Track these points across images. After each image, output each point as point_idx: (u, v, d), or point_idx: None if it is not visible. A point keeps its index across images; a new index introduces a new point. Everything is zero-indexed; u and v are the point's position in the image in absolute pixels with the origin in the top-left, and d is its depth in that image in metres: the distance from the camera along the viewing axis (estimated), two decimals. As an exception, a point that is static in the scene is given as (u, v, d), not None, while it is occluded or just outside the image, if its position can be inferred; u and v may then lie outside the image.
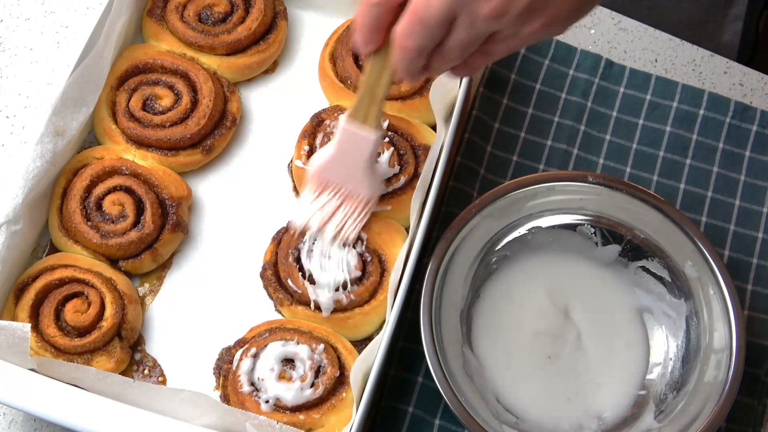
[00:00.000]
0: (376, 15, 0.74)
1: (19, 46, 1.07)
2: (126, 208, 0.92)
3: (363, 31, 0.76)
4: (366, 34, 0.76)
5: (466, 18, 0.69)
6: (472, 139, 1.01)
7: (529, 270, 0.94)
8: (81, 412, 0.80)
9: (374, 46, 0.78)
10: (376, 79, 0.83)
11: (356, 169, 0.88)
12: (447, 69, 0.75)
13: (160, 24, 1.01)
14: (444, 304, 0.87)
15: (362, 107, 0.85)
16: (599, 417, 0.89)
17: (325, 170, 0.89)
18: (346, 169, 0.89)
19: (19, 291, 0.89)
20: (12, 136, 1.03)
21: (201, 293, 0.94)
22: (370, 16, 0.74)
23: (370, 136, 0.86)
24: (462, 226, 0.89)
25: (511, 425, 0.86)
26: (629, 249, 0.93)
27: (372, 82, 0.83)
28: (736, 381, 0.83)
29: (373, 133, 0.86)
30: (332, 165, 0.89)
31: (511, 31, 0.69)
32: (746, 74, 1.08)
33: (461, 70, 0.76)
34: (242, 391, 0.85)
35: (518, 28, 0.69)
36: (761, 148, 1.03)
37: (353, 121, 0.86)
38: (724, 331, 0.86)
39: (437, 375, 0.83)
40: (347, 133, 0.87)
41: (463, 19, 0.69)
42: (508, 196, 0.91)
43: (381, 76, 0.82)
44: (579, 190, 0.92)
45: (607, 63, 1.06)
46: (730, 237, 0.99)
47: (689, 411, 0.84)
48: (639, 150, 1.03)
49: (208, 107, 0.97)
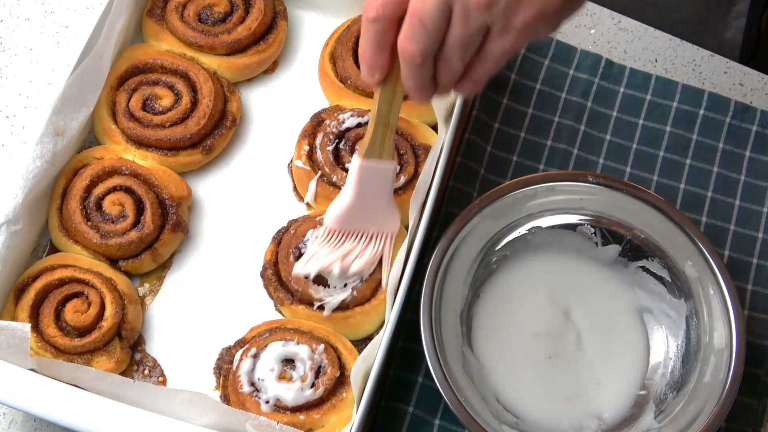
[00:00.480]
0: (377, 32, 0.74)
1: (19, 46, 1.07)
2: (126, 208, 0.92)
3: (368, 54, 0.76)
4: (371, 56, 0.76)
5: (459, 10, 0.69)
6: (473, 139, 1.01)
7: (529, 270, 0.94)
8: (81, 412, 0.80)
9: (381, 73, 0.77)
10: (387, 110, 0.82)
11: (378, 205, 0.87)
12: (453, 79, 0.75)
13: (160, 24, 1.01)
14: (444, 304, 0.87)
15: (377, 142, 0.84)
16: (599, 417, 0.89)
17: (345, 220, 0.87)
18: (368, 210, 0.87)
19: (19, 291, 0.89)
20: (12, 136, 1.03)
21: (201, 293, 0.94)
22: (372, 33, 0.74)
23: (389, 167, 0.86)
24: (462, 226, 0.89)
25: (511, 425, 0.86)
26: (629, 249, 0.93)
27: (384, 113, 0.82)
28: (736, 381, 0.83)
29: (391, 162, 0.86)
30: (353, 210, 0.87)
31: (503, 23, 0.70)
32: (746, 74, 1.08)
33: (466, 84, 0.76)
34: (242, 392, 0.85)
35: (510, 18, 0.69)
36: (761, 149, 1.03)
37: (370, 159, 0.85)
38: (724, 331, 0.86)
39: (437, 375, 0.83)
40: (365, 171, 0.85)
41: (457, 11, 0.70)
42: (509, 195, 0.91)
43: (392, 103, 0.82)
44: (579, 190, 0.92)
45: (607, 63, 1.06)
46: (730, 237, 0.99)
47: (689, 411, 0.84)
48: (639, 150, 1.02)
49: (208, 107, 0.97)
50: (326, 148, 0.95)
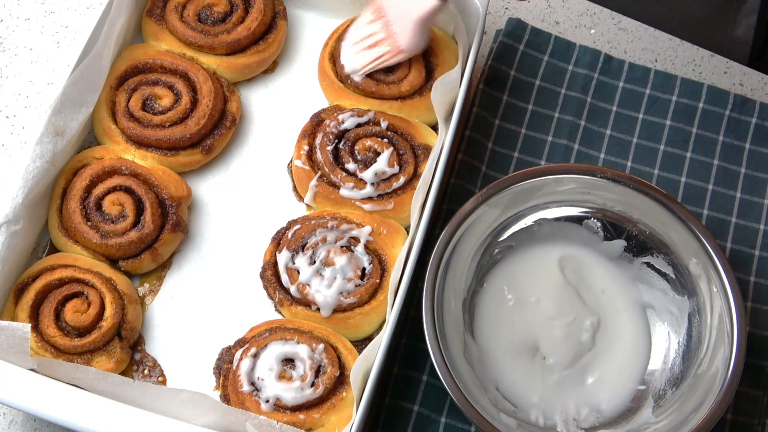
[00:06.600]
0: None
1: (19, 46, 1.07)
2: (126, 208, 0.92)
3: None
4: None
5: None
6: (473, 136, 1.01)
7: (533, 261, 0.94)
8: (81, 412, 0.80)
9: None
10: None
11: (408, 17, 0.91)
12: None
13: (160, 24, 1.01)
14: (447, 291, 0.87)
15: None
16: (597, 410, 0.88)
17: None
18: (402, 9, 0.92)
19: (19, 291, 0.89)
20: (12, 136, 1.03)
21: (201, 293, 0.93)
22: None
23: None
24: (467, 215, 0.89)
25: (509, 413, 0.86)
26: (634, 244, 0.93)
27: None
28: (736, 374, 0.82)
29: None
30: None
31: None
32: (746, 74, 1.07)
33: None
34: (242, 391, 0.85)
35: None
36: (761, 140, 1.02)
37: None
38: (726, 328, 0.85)
39: (437, 360, 0.83)
40: None
41: None
42: (515, 186, 0.91)
43: None
44: (585, 183, 0.92)
45: (606, 58, 1.06)
46: (731, 229, 0.99)
47: (689, 403, 0.84)
48: (640, 144, 1.02)
49: (208, 107, 0.97)
50: (326, 148, 0.95)
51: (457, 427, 0.90)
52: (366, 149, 0.95)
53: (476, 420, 0.81)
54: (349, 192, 0.93)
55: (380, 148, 0.95)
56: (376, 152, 0.95)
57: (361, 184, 0.94)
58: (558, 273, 0.93)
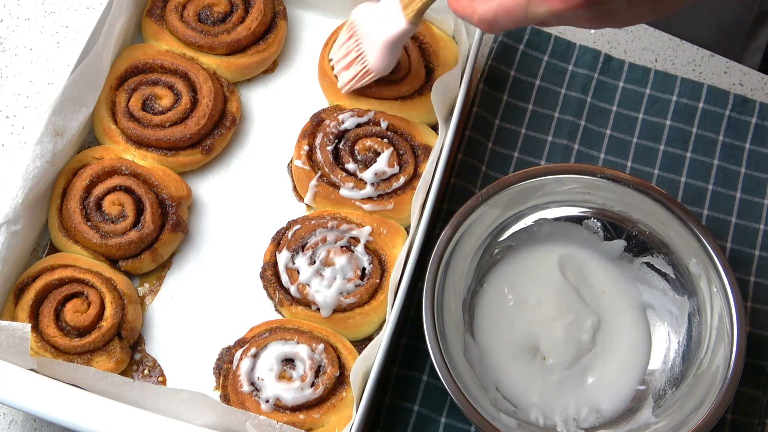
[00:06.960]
0: None
1: (19, 46, 1.07)
2: (126, 208, 0.92)
3: None
4: None
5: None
6: (473, 136, 1.01)
7: (533, 261, 0.94)
8: (81, 412, 0.80)
9: None
10: None
11: (378, 38, 0.91)
12: None
13: (160, 24, 1.01)
14: (447, 291, 0.87)
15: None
16: (597, 410, 0.88)
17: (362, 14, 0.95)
18: (374, 28, 0.92)
19: (19, 291, 0.89)
20: (12, 136, 1.03)
21: (201, 293, 0.93)
22: None
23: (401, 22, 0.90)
24: (467, 215, 0.89)
25: (509, 413, 0.86)
26: (634, 244, 0.93)
27: None
28: (736, 374, 0.82)
29: (406, 22, 0.89)
30: (370, 15, 0.93)
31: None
32: (746, 74, 1.07)
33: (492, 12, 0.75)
34: (242, 391, 0.85)
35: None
36: (761, 140, 1.02)
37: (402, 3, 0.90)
38: (726, 327, 0.85)
39: (437, 360, 0.83)
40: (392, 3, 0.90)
41: None
42: (515, 186, 0.91)
43: None
44: (585, 183, 0.92)
45: (605, 58, 1.06)
46: (731, 229, 0.99)
47: (689, 403, 0.84)
48: (640, 144, 1.02)
49: (208, 107, 0.97)
50: (326, 148, 0.95)
51: (457, 427, 0.90)
52: (366, 149, 0.95)
53: (476, 420, 0.81)
54: (349, 192, 0.93)
55: (380, 148, 0.95)
56: (376, 152, 0.95)
57: (361, 184, 0.94)
58: (558, 273, 0.93)
